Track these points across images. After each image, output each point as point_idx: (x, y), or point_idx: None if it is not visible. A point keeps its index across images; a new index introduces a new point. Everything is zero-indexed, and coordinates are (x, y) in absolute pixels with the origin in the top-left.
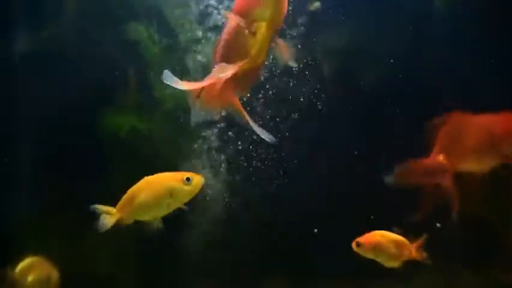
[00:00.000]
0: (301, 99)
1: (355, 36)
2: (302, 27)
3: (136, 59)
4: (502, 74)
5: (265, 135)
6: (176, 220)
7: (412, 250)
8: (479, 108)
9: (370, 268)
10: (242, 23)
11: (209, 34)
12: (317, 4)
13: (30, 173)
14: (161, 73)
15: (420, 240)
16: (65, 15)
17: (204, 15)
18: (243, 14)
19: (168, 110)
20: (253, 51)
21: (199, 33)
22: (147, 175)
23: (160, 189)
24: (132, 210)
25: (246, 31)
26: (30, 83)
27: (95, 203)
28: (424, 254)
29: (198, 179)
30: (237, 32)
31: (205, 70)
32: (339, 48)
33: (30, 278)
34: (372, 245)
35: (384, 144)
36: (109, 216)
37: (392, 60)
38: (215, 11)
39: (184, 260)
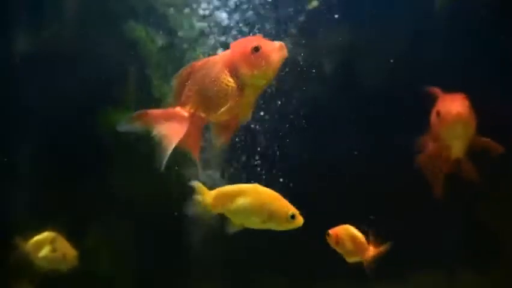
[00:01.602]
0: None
1: (354, 34)
2: (301, 26)
3: (135, 57)
4: (502, 73)
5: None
6: (176, 219)
7: (367, 251)
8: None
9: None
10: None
11: (208, 32)
12: (315, 3)
13: (30, 172)
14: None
15: (380, 246)
16: (65, 14)
17: (202, 14)
18: (237, 72)
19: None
20: (239, 109)
21: (198, 32)
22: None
23: (264, 207)
24: (229, 205)
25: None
26: (29, 82)
27: (94, 203)
28: (373, 257)
29: (299, 220)
30: (226, 86)
31: None
32: (339, 47)
33: (43, 253)
34: (335, 238)
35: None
36: (202, 200)
37: (391, 60)
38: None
39: (184, 259)
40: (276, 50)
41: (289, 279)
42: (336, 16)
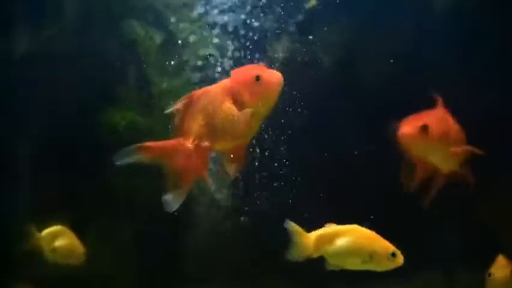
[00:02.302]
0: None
1: (354, 32)
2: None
3: (133, 56)
4: (502, 72)
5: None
6: (176, 220)
7: None
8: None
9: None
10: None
11: (206, 30)
12: (314, 2)
13: (29, 172)
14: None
15: None
16: (64, 14)
17: (200, 12)
18: (240, 101)
19: (167, 107)
20: (241, 137)
21: (196, 30)
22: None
23: (365, 248)
24: (328, 247)
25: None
26: (29, 81)
27: (94, 203)
28: None
29: (400, 259)
30: (229, 113)
31: (201, 67)
32: (339, 45)
33: (54, 245)
34: None
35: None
36: (302, 243)
37: (392, 60)
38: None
39: (184, 260)
40: (276, 78)
41: (289, 280)
42: (334, 15)
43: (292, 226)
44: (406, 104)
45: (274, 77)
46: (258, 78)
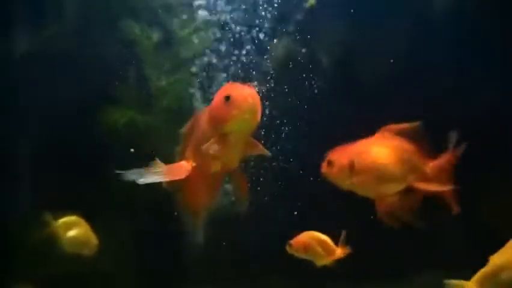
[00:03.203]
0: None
1: (354, 32)
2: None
3: (132, 56)
4: (502, 72)
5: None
6: (176, 220)
7: (336, 250)
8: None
9: (370, 268)
10: (212, 136)
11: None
12: (312, 1)
13: (29, 172)
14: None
15: (343, 246)
16: (63, 14)
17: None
18: (215, 125)
19: (165, 104)
20: (224, 159)
21: (193, 29)
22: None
23: None
24: (496, 284)
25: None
26: (29, 81)
27: (94, 202)
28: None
29: None
30: (206, 136)
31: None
32: (338, 44)
33: (70, 234)
34: (302, 246)
35: None
36: None
37: (392, 60)
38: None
39: (185, 260)
40: (246, 97)
41: (289, 280)
42: (335, 15)
43: (452, 283)
44: (405, 104)
45: (244, 95)
46: (227, 98)
